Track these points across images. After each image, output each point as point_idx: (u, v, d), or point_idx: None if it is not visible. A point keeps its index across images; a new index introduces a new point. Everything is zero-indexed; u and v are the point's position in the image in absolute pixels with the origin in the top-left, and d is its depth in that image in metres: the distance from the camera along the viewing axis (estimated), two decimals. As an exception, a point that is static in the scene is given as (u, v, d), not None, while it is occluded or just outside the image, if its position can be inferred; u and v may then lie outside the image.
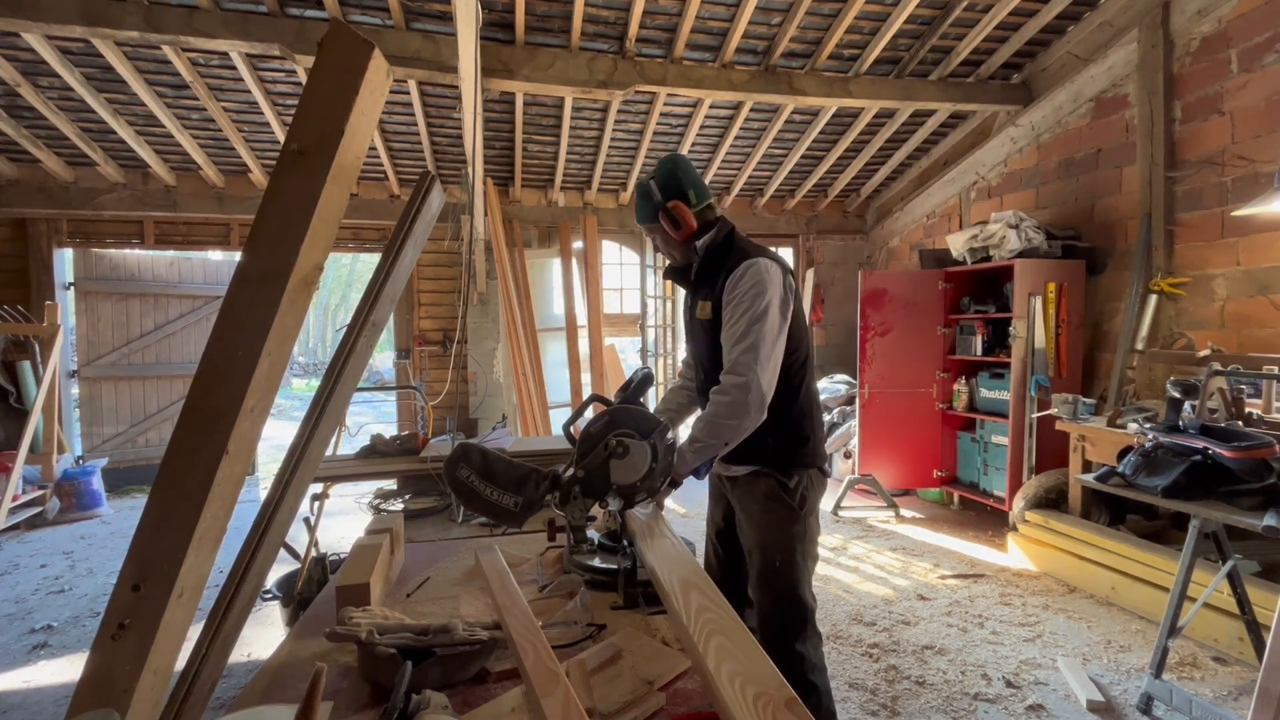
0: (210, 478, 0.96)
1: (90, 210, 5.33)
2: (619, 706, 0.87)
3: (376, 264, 1.53)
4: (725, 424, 1.53)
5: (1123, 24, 4.05)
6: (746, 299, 1.55)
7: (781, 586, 1.66)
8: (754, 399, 1.51)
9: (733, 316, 1.56)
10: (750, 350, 1.52)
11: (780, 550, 1.66)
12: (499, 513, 1.38)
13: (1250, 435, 2.26)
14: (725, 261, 1.65)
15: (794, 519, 1.68)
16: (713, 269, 1.69)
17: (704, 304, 1.68)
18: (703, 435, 1.54)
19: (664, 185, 1.71)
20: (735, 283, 1.57)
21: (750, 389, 1.50)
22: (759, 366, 1.51)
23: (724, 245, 1.70)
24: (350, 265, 23.16)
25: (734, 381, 1.52)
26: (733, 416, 1.52)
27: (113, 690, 0.85)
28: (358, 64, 1.13)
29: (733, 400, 1.52)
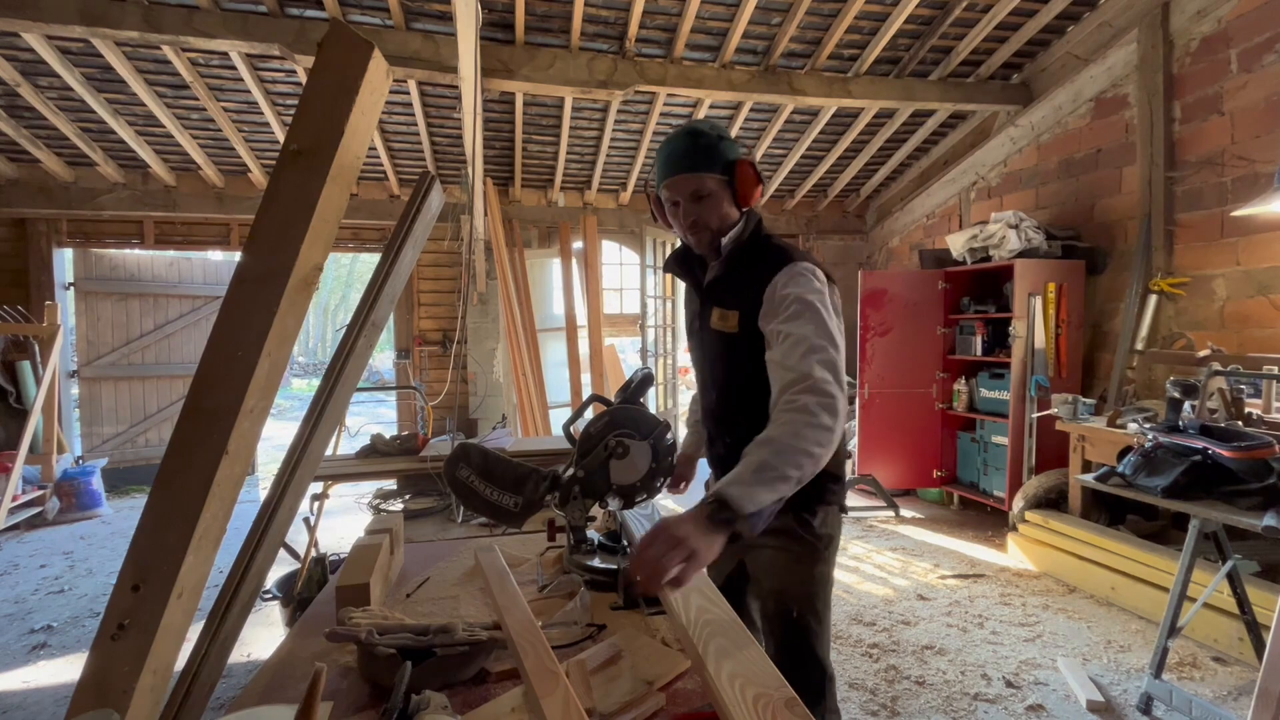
0: (210, 478, 0.96)
1: (90, 210, 5.33)
2: (619, 706, 0.87)
3: (376, 264, 1.53)
4: (807, 450, 1.09)
5: (1122, 24, 4.05)
6: (804, 305, 1.25)
7: (795, 643, 1.38)
8: (838, 425, 1.14)
9: (791, 321, 1.24)
10: (828, 364, 1.19)
11: (798, 599, 1.39)
12: (498, 513, 1.38)
13: (1250, 435, 2.26)
14: (758, 263, 1.36)
15: (817, 558, 1.41)
16: (741, 270, 1.39)
17: (726, 313, 1.39)
18: (777, 461, 1.07)
19: (729, 138, 1.40)
20: (783, 285, 1.29)
21: (838, 408, 1.15)
22: (838, 383, 1.18)
23: (753, 242, 1.42)
24: (350, 265, 23.17)
25: (817, 401, 1.13)
26: (815, 443, 1.10)
27: (112, 690, 0.85)
28: (358, 64, 1.13)
29: (816, 423, 1.11)
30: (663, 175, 1.39)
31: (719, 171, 1.36)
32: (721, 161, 1.36)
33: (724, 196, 1.38)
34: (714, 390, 1.51)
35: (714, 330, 1.42)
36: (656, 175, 1.42)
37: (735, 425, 1.44)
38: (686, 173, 1.36)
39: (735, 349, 1.38)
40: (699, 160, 1.35)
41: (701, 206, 1.37)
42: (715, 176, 1.36)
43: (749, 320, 1.34)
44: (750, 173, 1.37)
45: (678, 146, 1.37)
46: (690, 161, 1.36)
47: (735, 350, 1.38)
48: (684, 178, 1.36)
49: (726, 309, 1.39)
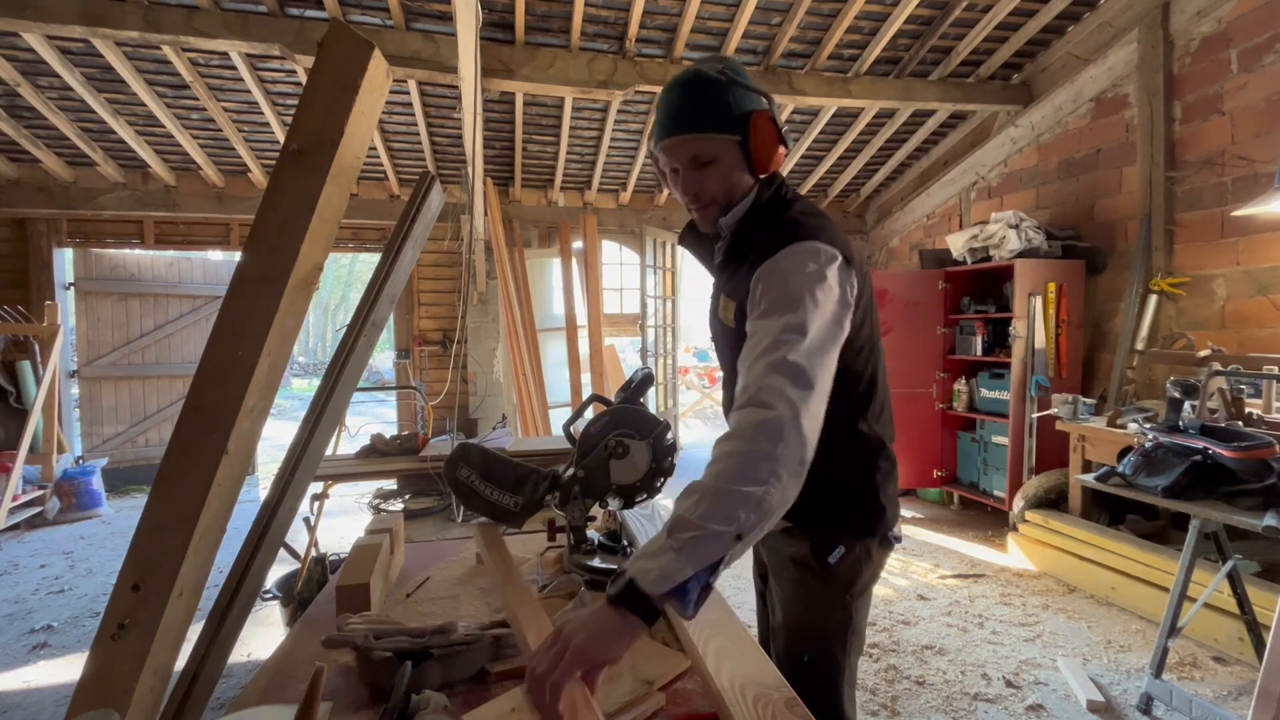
0: (210, 478, 0.96)
1: (90, 210, 5.33)
2: (619, 706, 0.87)
3: (376, 264, 1.53)
4: (739, 493, 0.81)
5: (1123, 24, 4.05)
6: (780, 296, 0.97)
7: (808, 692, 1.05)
8: (789, 451, 0.85)
9: (764, 318, 0.97)
10: (780, 366, 0.90)
11: (810, 642, 1.16)
12: (499, 513, 1.38)
13: (1250, 435, 2.26)
14: (763, 239, 1.07)
15: (833, 603, 1.16)
16: (746, 250, 1.11)
17: (728, 302, 1.15)
18: (699, 516, 0.81)
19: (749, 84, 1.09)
20: (769, 273, 1.01)
21: (783, 431, 0.85)
22: (798, 397, 0.88)
23: (769, 213, 1.12)
24: (350, 265, 23.18)
25: (754, 419, 0.86)
26: (751, 481, 0.82)
27: (113, 690, 0.85)
28: (358, 64, 1.13)
29: (751, 452, 0.84)
30: (658, 136, 1.11)
31: (728, 130, 1.06)
32: (731, 117, 1.06)
33: (734, 161, 1.09)
34: (727, 385, 1.26)
35: (720, 320, 1.20)
36: (653, 134, 1.14)
37: None
38: (682, 134, 1.07)
39: (736, 345, 1.09)
40: (700, 117, 1.06)
41: (704, 175, 1.10)
42: (722, 138, 1.07)
43: (742, 316, 1.08)
44: (769, 130, 1.07)
45: (674, 99, 1.08)
46: (688, 119, 1.07)
47: (736, 347, 1.10)
48: (680, 140, 1.08)
49: (730, 297, 1.14)
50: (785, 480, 0.84)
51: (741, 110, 1.07)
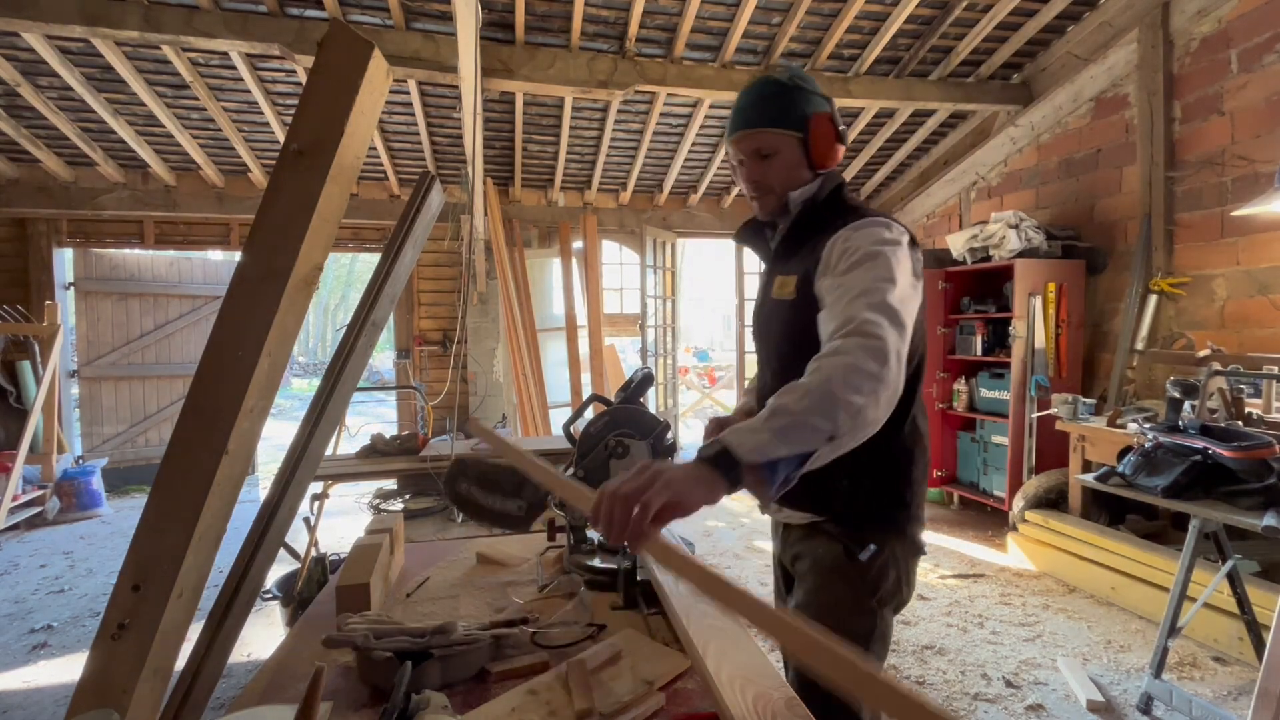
0: (210, 478, 0.96)
1: (90, 210, 5.33)
2: (619, 706, 0.87)
3: (376, 264, 1.53)
4: (842, 398, 0.83)
5: (1123, 24, 4.05)
6: (866, 254, 1.04)
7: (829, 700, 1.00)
8: (889, 376, 0.88)
9: (848, 274, 1.03)
10: (879, 306, 0.94)
11: None
12: (505, 520, 1.38)
13: (1250, 435, 2.26)
14: (829, 223, 1.16)
15: (861, 610, 1.14)
16: (808, 233, 1.21)
17: (786, 279, 1.20)
18: (801, 409, 0.83)
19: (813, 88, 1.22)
20: (845, 239, 1.09)
21: (887, 351, 0.89)
22: (896, 336, 0.92)
23: (829, 204, 1.22)
24: (350, 265, 23.18)
25: (860, 343, 0.89)
26: (854, 391, 0.84)
27: (113, 690, 0.85)
28: (358, 64, 1.13)
29: (858, 366, 0.86)
30: (728, 132, 1.25)
31: (788, 127, 1.18)
32: (794, 116, 1.18)
33: (794, 156, 1.20)
34: (768, 371, 1.29)
35: (774, 300, 1.23)
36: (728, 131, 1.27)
37: None
38: (749, 128, 1.20)
39: (792, 319, 1.15)
40: (765, 113, 1.19)
41: (766, 166, 1.21)
42: (784, 133, 1.19)
43: (808, 283, 1.13)
44: (828, 129, 1.19)
45: (744, 99, 1.23)
46: (754, 115, 1.20)
47: (792, 321, 1.16)
48: (749, 134, 1.20)
49: (788, 275, 1.20)
50: (881, 403, 0.87)
51: (802, 111, 1.19)
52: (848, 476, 1.11)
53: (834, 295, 1.02)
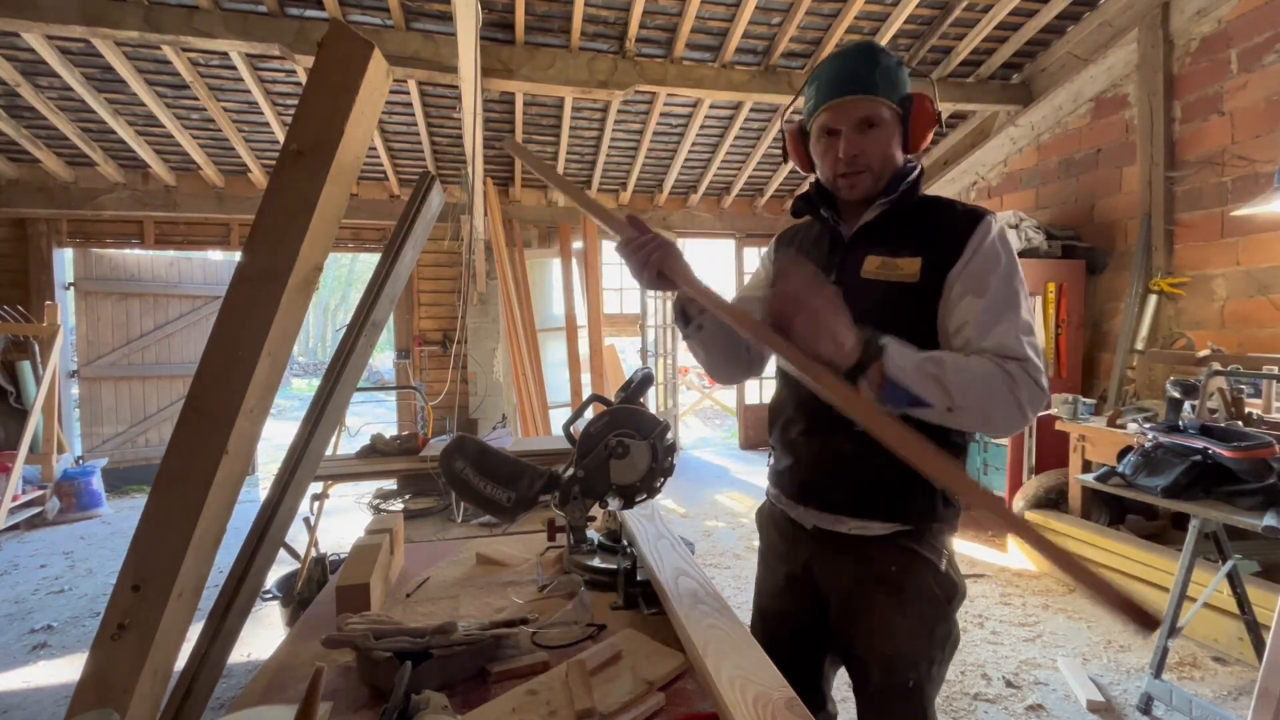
0: (210, 478, 0.96)
1: (90, 210, 5.33)
2: (619, 706, 0.87)
3: (376, 264, 1.53)
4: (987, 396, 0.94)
5: (1122, 24, 4.06)
6: (1006, 266, 1.04)
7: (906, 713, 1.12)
8: (1037, 405, 0.97)
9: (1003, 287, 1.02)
10: (1035, 344, 1.00)
11: (915, 667, 1.10)
12: (491, 506, 1.37)
13: (1250, 435, 2.26)
14: (941, 212, 1.13)
15: (946, 619, 1.12)
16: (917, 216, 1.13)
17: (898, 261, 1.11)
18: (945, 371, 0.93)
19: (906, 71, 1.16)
20: (998, 241, 1.06)
21: (1043, 389, 0.97)
22: (1042, 364, 1.00)
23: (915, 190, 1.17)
24: (350, 265, 23.18)
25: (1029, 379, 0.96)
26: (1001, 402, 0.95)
27: (112, 690, 0.84)
28: (357, 64, 1.13)
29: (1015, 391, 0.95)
30: (825, 96, 1.12)
31: (899, 101, 1.11)
32: (900, 91, 1.11)
33: (894, 133, 1.12)
34: None
35: (868, 280, 1.12)
36: (812, 99, 1.16)
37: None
38: (859, 94, 1.08)
39: (908, 303, 1.08)
40: (878, 81, 1.08)
41: (869, 139, 1.10)
42: (891, 105, 1.10)
43: (938, 270, 1.07)
44: (929, 111, 1.12)
45: (848, 63, 1.10)
46: (865, 81, 1.08)
47: (907, 305, 1.08)
48: (855, 100, 1.08)
49: (895, 256, 1.11)
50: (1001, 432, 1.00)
51: (906, 86, 1.13)
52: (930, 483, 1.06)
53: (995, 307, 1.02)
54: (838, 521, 1.15)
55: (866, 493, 1.12)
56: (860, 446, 1.07)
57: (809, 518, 1.19)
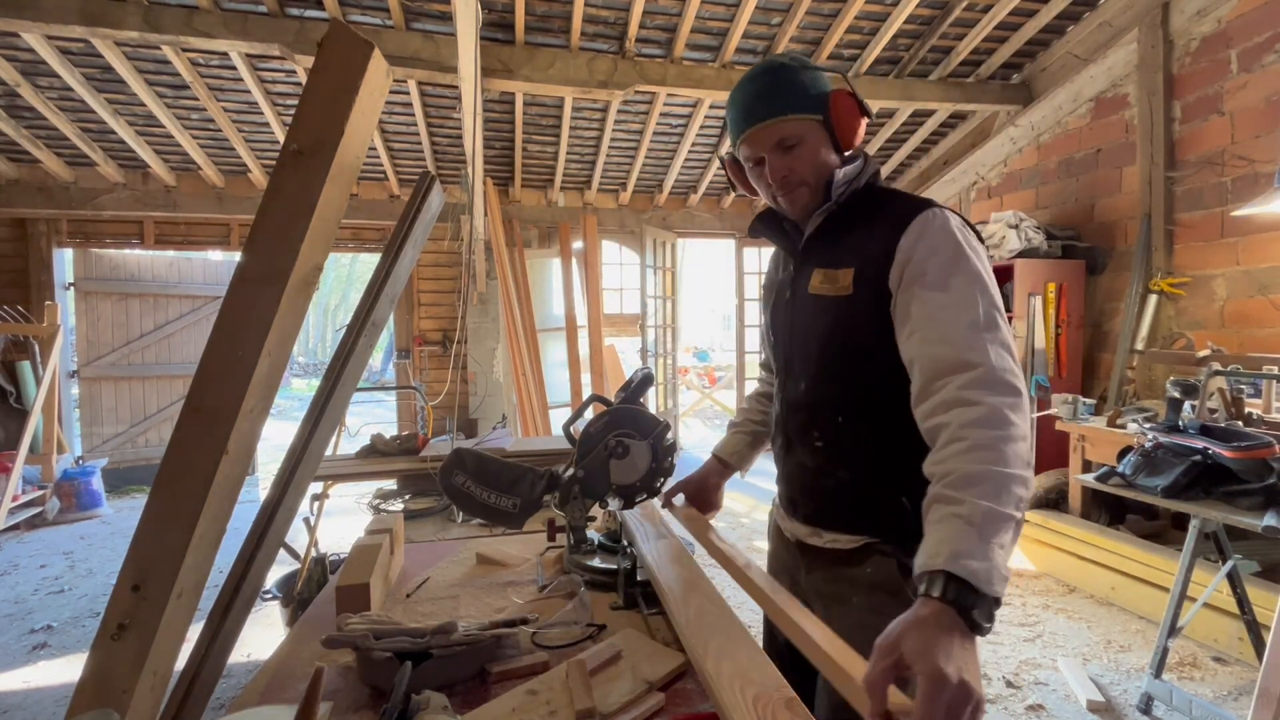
0: (210, 478, 0.96)
1: (90, 210, 5.33)
2: (619, 706, 0.87)
3: (376, 264, 1.53)
4: (1021, 476, 0.78)
5: (1122, 24, 4.06)
6: (961, 263, 0.94)
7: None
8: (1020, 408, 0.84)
9: (942, 286, 0.93)
10: (1004, 345, 0.88)
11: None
12: (497, 515, 1.38)
13: (1250, 435, 2.26)
14: (882, 210, 1.06)
15: None
16: (857, 221, 1.08)
17: (835, 272, 1.06)
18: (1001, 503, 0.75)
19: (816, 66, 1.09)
20: (927, 234, 0.97)
21: (1024, 403, 0.85)
22: (1016, 364, 0.88)
23: (870, 191, 1.11)
24: (350, 265, 23.17)
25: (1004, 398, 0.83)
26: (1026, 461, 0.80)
27: (112, 690, 0.85)
28: (357, 64, 1.13)
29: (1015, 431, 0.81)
30: (737, 130, 1.10)
31: (809, 110, 1.05)
32: (811, 97, 1.05)
33: (820, 141, 1.07)
34: (803, 378, 1.13)
35: (812, 295, 1.09)
36: (730, 132, 1.13)
37: (832, 428, 1.09)
38: (766, 120, 1.05)
39: (845, 316, 1.04)
40: (783, 100, 1.05)
41: (793, 157, 1.07)
42: (805, 118, 1.05)
43: (868, 278, 1.01)
44: (849, 105, 1.06)
45: (751, 90, 1.07)
46: (770, 104, 1.05)
47: (844, 318, 1.04)
48: (764, 128, 1.06)
49: (835, 267, 1.07)
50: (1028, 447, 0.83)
51: (818, 90, 1.07)
52: (907, 494, 1.00)
53: (934, 310, 0.92)
54: (814, 534, 1.13)
55: (830, 506, 1.10)
56: (820, 462, 1.10)
57: (793, 530, 1.19)
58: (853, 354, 1.05)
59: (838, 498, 1.09)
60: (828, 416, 1.09)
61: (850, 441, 1.06)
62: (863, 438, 1.05)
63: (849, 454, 1.08)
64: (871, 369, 1.03)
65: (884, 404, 1.02)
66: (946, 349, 0.88)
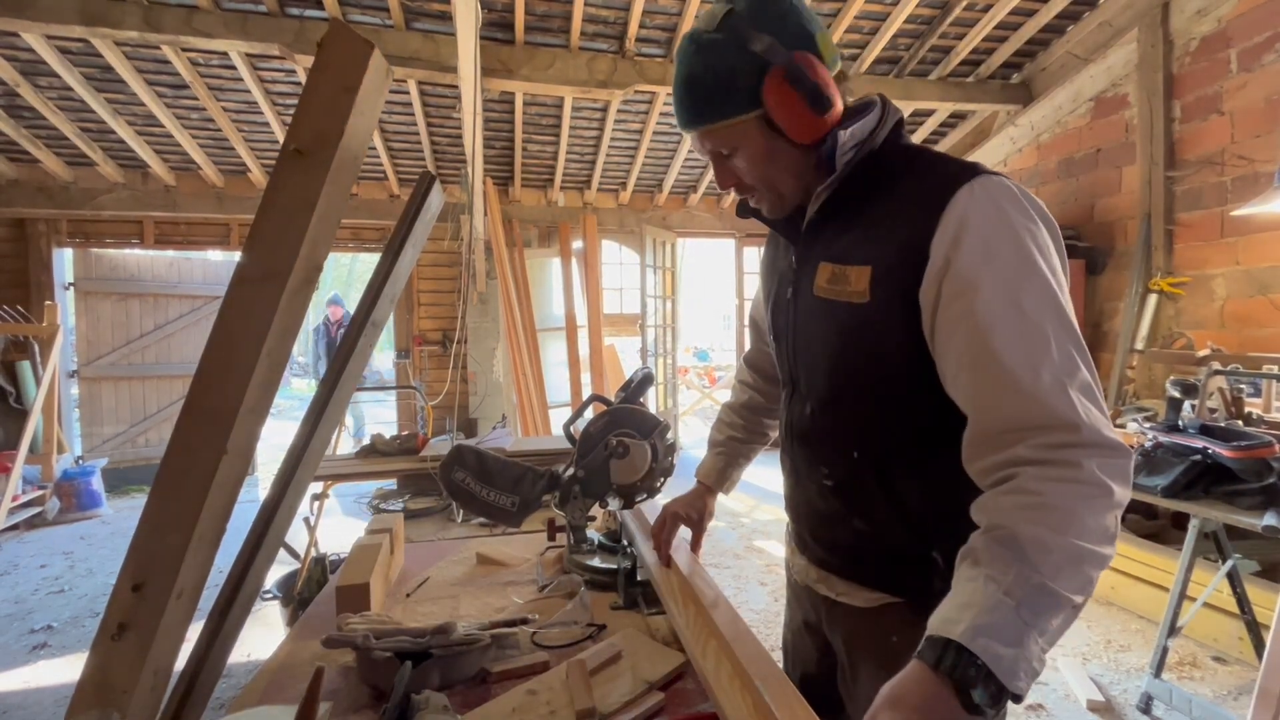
0: (210, 478, 0.96)
1: (90, 210, 5.33)
2: (619, 706, 0.87)
3: (376, 264, 1.53)
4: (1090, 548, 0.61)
5: (1122, 24, 4.06)
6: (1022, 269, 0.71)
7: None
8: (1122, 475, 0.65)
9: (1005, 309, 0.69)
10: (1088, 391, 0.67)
11: None
12: (497, 513, 1.38)
13: (1250, 435, 2.26)
14: (905, 180, 0.81)
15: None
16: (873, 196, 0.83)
17: (845, 270, 0.82)
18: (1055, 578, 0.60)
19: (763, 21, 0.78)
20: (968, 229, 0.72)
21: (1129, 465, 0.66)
22: (1106, 410, 0.68)
23: (889, 147, 0.85)
24: (350, 265, 23.17)
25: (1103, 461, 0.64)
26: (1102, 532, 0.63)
27: (112, 690, 0.84)
28: (357, 64, 1.13)
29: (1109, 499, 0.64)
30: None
31: (738, 110, 0.80)
32: (739, 90, 0.79)
33: (763, 140, 0.82)
34: (809, 400, 0.92)
35: (820, 299, 0.86)
36: None
37: (844, 465, 0.89)
38: (687, 129, 0.85)
39: (860, 329, 0.82)
40: (699, 106, 0.83)
41: (737, 163, 0.85)
42: (734, 122, 0.81)
43: (892, 283, 0.78)
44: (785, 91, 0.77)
45: (676, 79, 0.85)
46: (689, 111, 0.84)
47: (860, 331, 0.82)
48: (693, 135, 0.86)
49: (845, 263, 0.83)
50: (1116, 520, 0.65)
51: (752, 75, 0.79)
52: (939, 548, 0.80)
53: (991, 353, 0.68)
54: (825, 581, 0.96)
55: (844, 557, 0.92)
56: (831, 506, 0.91)
57: (804, 574, 1.01)
58: (871, 378, 0.84)
59: (853, 549, 0.91)
60: (839, 450, 0.89)
61: (868, 482, 0.86)
62: (883, 479, 0.85)
63: (866, 498, 0.87)
64: (896, 400, 0.83)
65: (915, 443, 0.83)
66: (1017, 401, 0.67)
